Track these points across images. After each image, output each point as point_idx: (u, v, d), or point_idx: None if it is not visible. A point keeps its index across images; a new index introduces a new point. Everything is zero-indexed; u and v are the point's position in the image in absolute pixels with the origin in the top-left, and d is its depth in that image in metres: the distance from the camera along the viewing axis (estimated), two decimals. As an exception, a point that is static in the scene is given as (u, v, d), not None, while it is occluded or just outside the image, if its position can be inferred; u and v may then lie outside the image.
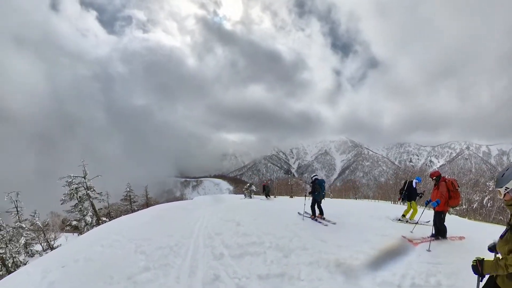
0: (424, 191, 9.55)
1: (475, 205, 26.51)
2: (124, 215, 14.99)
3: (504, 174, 2.11)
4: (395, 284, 4.11)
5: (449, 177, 6.59)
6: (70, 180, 19.42)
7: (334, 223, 7.85)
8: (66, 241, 21.61)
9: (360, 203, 20.82)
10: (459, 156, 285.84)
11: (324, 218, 8.50)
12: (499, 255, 2.25)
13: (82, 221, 19.64)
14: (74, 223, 20.72)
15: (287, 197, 30.84)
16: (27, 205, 20.68)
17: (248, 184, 34.46)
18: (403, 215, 9.10)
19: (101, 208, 23.53)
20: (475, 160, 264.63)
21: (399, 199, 9.40)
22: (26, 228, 19.47)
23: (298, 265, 4.83)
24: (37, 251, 20.40)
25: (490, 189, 27.38)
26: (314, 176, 9.35)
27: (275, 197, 23.17)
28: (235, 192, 61.71)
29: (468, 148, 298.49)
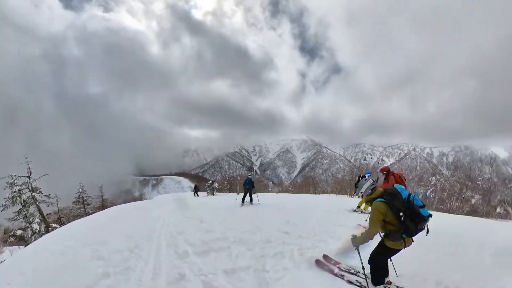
0: (375, 182, 10.33)
1: (420, 197, 30.35)
2: (76, 219, 13.24)
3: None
4: (354, 266, 4.41)
5: (397, 171, 7.28)
6: (12, 180, 16.71)
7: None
8: (11, 255, 18.52)
9: (319, 197, 21.82)
10: (407, 156, 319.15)
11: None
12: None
13: (28, 229, 17.00)
14: (18, 232, 17.65)
15: (221, 194, 31.15)
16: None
17: (210, 182, 34.06)
18: (358, 206, 9.85)
19: (50, 214, 20.47)
20: (420, 160, 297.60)
21: (354, 192, 10.10)
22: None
23: (263, 257, 4.88)
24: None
25: (432, 183, 31.53)
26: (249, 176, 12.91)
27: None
28: (195, 190, 60.33)
29: (414, 149, 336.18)
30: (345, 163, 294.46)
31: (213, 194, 29.70)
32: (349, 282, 3.87)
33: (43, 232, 16.95)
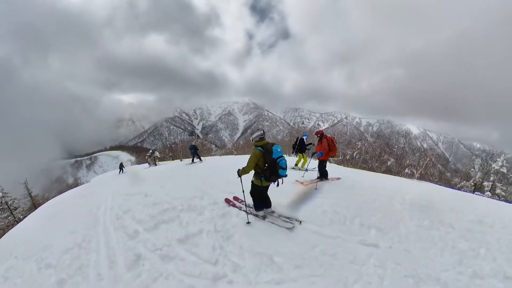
0: (311, 144, 11.38)
1: (347, 157, 35.27)
2: (7, 231, 10.66)
3: (252, 133, 4.87)
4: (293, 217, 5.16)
5: (330, 135, 8.14)
6: None
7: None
8: None
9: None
10: (339, 123, 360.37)
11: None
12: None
13: None
14: None
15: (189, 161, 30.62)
16: None
17: (150, 151, 32.32)
18: (296, 164, 10.85)
19: None
20: (350, 127, 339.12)
21: (292, 152, 11.02)
22: None
23: (212, 220, 5.13)
24: None
25: (358, 146, 37.42)
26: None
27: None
28: (138, 162, 56.98)
29: (346, 118, 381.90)
30: (285, 125, 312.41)
31: (156, 164, 28.47)
32: (250, 212, 5.30)
33: None
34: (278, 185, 4.80)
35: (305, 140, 10.94)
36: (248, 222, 4.86)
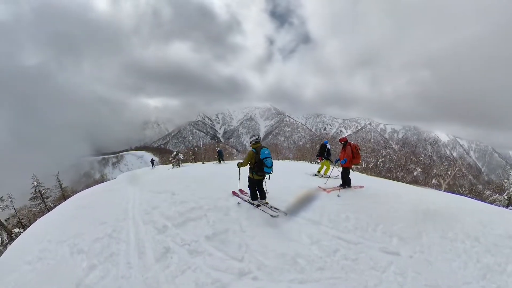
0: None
1: (371, 165, 34.09)
2: (39, 217, 11.69)
3: (251, 137, 6.23)
4: (316, 221, 5.35)
5: (354, 142, 8.18)
6: None
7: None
8: None
9: (282, 163, 23.07)
10: (363, 129, 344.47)
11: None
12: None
13: None
14: None
15: (216, 162, 31.57)
16: None
17: (174, 153, 33.37)
18: (318, 171, 10.90)
19: (9, 218, 18.10)
20: (374, 134, 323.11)
21: (319, 159, 10.99)
22: None
23: (238, 220, 5.42)
24: None
25: (383, 154, 35.47)
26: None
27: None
28: (162, 163, 59.04)
29: (370, 124, 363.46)
30: (306, 131, 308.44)
31: (179, 166, 29.36)
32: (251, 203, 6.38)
33: (7, 241, 15.23)
34: (268, 178, 6.19)
35: (329, 147, 11.02)
36: (238, 203, 6.47)
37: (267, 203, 6.25)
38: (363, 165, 33.32)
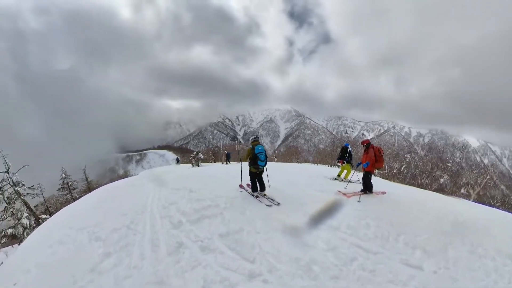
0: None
1: (394, 171, 32.35)
2: (65, 206, 12.66)
3: (250, 136, 7.94)
4: (334, 226, 5.12)
5: (377, 145, 7.80)
6: None
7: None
8: (7, 257, 17.30)
9: (301, 165, 22.76)
10: (386, 133, 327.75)
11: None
12: None
13: (19, 226, 16.15)
14: (9, 231, 16.56)
15: (235, 163, 31.95)
16: None
17: (194, 153, 34.02)
18: (338, 175, 10.58)
19: (37, 205, 19.36)
20: (398, 137, 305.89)
21: (341, 162, 10.64)
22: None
23: (253, 220, 5.36)
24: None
25: (407, 160, 33.53)
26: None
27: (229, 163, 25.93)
28: (182, 162, 60.55)
29: (394, 127, 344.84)
30: (327, 134, 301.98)
31: (198, 165, 29.91)
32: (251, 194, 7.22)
33: (34, 225, 16.25)
34: (263, 171, 7.16)
35: (350, 150, 10.68)
36: (241, 191, 7.64)
37: (265, 195, 7.03)
38: (386, 171, 31.77)
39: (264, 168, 7.09)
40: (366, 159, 7.50)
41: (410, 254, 4.24)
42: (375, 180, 10.17)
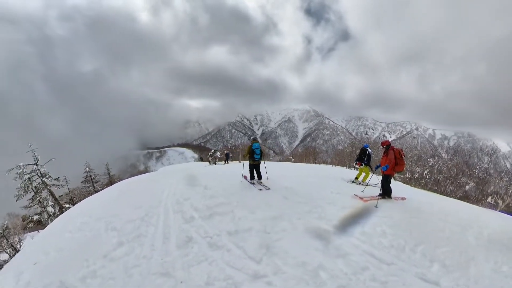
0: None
1: (416, 176, 30.50)
2: (87, 197, 13.73)
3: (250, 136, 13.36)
4: (348, 232, 4.89)
5: (398, 147, 7.38)
6: (20, 170, 17.12)
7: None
8: (32, 240, 18.32)
9: (318, 167, 22.32)
10: (408, 135, 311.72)
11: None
12: None
13: (44, 213, 17.75)
14: (35, 217, 18.54)
15: (236, 162, 32.08)
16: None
17: (212, 151, 34.51)
18: (356, 178, 10.20)
19: (62, 195, 21.08)
20: (421, 140, 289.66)
21: (359, 164, 10.23)
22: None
23: (264, 220, 5.27)
24: (4, 261, 16.04)
25: (430, 164, 31.47)
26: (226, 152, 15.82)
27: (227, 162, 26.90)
28: (200, 160, 61.60)
29: (417, 129, 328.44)
30: (347, 135, 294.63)
31: (215, 163, 30.25)
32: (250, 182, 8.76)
33: (58, 213, 17.52)
34: (259, 164, 8.83)
35: (370, 152, 10.25)
36: (242, 181, 9.06)
37: (261, 183, 8.54)
38: (407, 175, 30.06)
39: (260, 161, 8.76)
40: (386, 162, 7.12)
41: (427, 267, 3.93)
42: (395, 185, 9.71)
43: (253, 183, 8.43)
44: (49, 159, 18.83)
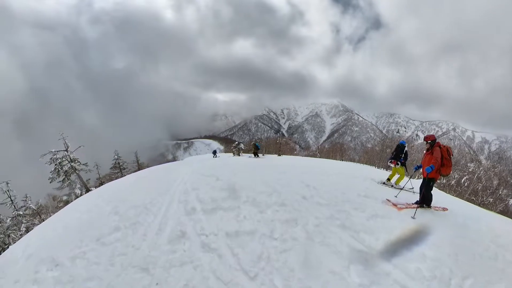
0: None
1: (452, 182, 27.11)
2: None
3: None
4: (376, 248, 3.79)
5: (445, 145, 5.99)
6: (53, 155, 19.11)
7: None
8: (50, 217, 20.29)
9: (345, 164, 20.94)
10: (444, 136, 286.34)
11: None
12: None
13: (72, 194, 19.50)
14: (64, 198, 20.55)
15: (275, 155, 31.37)
16: (21, 193, 20.26)
17: (236, 143, 34.41)
18: (388, 179, 8.84)
19: (89, 179, 23.19)
20: (458, 142, 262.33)
21: (394, 163, 8.85)
22: (23, 215, 19.01)
23: (273, 222, 4.44)
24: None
25: (470, 170, 27.92)
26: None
27: (263, 155, 26.69)
28: (225, 152, 62.19)
29: (454, 129, 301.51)
30: (377, 133, 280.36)
31: (239, 155, 30.33)
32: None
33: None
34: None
35: (406, 149, 8.88)
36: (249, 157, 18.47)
37: (258, 156, 15.61)
38: (443, 180, 26.64)
39: (258, 152, 14.64)
40: (430, 162, 5.64)
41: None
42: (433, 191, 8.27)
43: (250, 156, 10.34)
44: (78, 146, 20.72)
